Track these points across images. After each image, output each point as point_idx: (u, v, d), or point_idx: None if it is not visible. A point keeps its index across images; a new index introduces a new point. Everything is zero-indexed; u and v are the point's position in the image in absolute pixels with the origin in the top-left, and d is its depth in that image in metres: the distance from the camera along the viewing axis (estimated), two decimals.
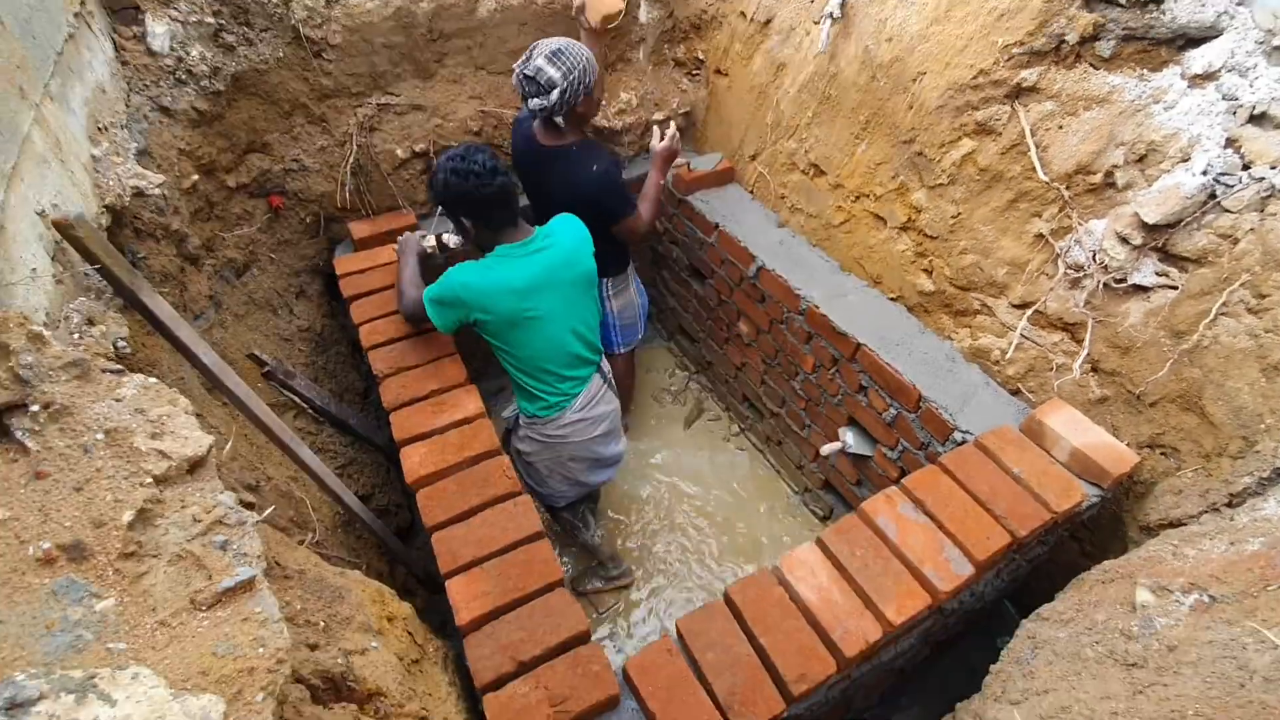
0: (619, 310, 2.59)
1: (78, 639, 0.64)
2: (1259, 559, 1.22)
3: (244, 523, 0.77)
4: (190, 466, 0.79)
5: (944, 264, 2.14)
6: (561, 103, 2.00)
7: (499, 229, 1.84)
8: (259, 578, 0.71)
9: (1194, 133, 1.66)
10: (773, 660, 1.38)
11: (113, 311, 1.21)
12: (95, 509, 0.71)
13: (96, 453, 0.75)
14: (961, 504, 1.64)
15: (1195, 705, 1.01)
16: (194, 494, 0.78)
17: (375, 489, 2.44)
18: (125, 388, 0.83)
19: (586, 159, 2.11)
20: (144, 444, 0.77)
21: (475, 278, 1.81)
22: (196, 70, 2.01)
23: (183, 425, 0.82)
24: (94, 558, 0.68)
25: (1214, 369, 1.61)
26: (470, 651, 1.39)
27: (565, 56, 1.97)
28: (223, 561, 0.73)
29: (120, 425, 0.77)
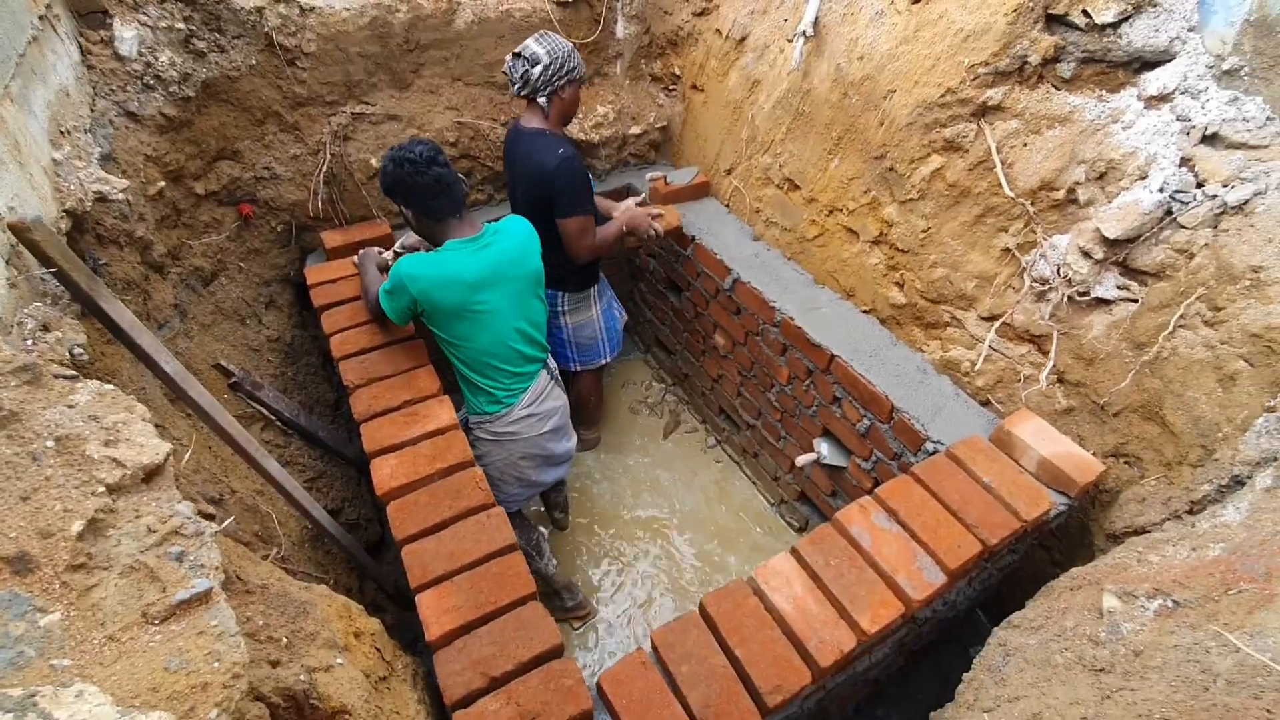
0: (574, 327, 2.56)
1: (19, 655, 0.61)
2: (1219, 564, 1.25)
3: (202, 533, 0.75)
4: (146, 475, 0.76)
5: (915, 277, 2.18)
6: (544, 79, 2.06)
7: (440, 219, 1.86)
8: (216, 590, 0.69)
9: (1151, 151, 1.71)
10: (748, 671, 1.37)
11: (69, 318, 1.17)
12: (43, 519, 0.68)
13: (46, 460, 0.72)
14: (934, 513, 1.66)
15: (1161, 709, 1.02)
16: (149, 503, 0.75)
17: (345, 503, 2.39)
18: (79, 394, 0.80)
19: (556, 144, 2.13)
20: (97, 451, 0.74)
21: (421, 268, 1.83)
22: (165, 76, 1.97)
23: (139, 432, 0.79)
24: (39, 570, 0.65)
25: (1173, 379, 1.66)
26: (440, 668, 1.36)
27: (550, 38, 2.07)
28: (178, 573, 0.70)
29: (72, 432, 0.75)
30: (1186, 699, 1.02)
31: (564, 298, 2.50)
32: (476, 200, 2.78)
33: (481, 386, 2.00)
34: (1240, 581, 1.15)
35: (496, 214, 2.76)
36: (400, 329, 2.08)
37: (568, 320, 2.55)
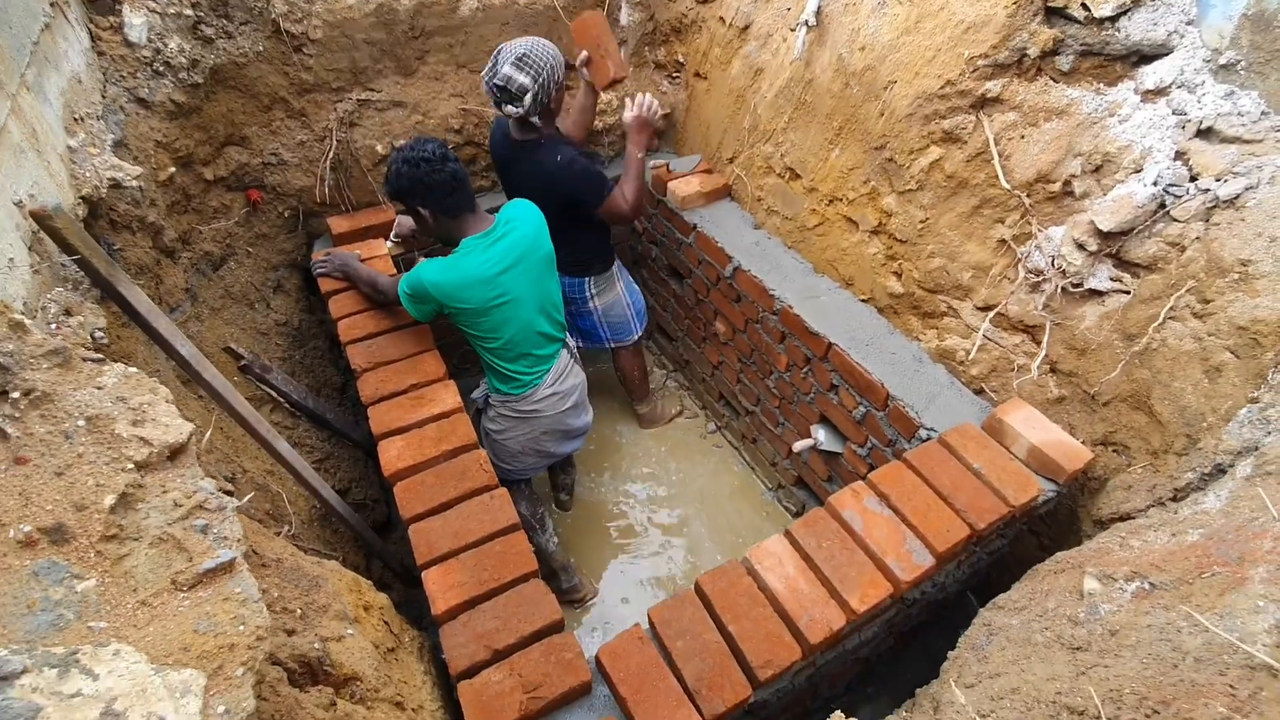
0: (604, 309, 2.62)
1: (59, 618, 0.66)
2: (1196, 549, 1.29)
3: (224, 508, 0.80)
4: (171, 453, 0.81)
5: (912, 267, 2.21)
6: (535, 106, 2.05)
7: (457, 216, 1.88)
8: (239, 560, 0.74)
9: (1146, 145, 1.73)
10: (740, 647, 1.42)
11: (90, 302, 1.22)
12: (77, 493, 0.73)
13: (78, 439, 0.77)
14: (924, 498, 1.70)
15: (1132, 684, 1.07)
16: (175, 480, 0.80)
17: (352, 484, 2.45)
18: (106, 376, 0.85)
19: (551, 151, 2.15)
20: (125, 431, 0.79)
21: (442, 275, 1.85)
22: (174, 62, 2.00)
23: (163, 413, 0.84)
24: (75, 540, 0.70)
25: (1162, 370, 1.69)
26: (445, 640, 1.42)
27: (532, 60, 2.00)
28: (203, 544, 0.75)
29: (102, 412, 0.79)
30: (1156, 675, 1.07)
31: (591, 282, 2.53)
32: (481, 186, 2.81)
33: (509, 373, 2.07)
34: (1214, 565, 1.20)
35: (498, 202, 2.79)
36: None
37: (597, 304, 2.59)
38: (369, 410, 1.89)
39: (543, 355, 2.08)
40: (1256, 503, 1.29)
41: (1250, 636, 1.00)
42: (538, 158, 2.15)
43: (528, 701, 1.32)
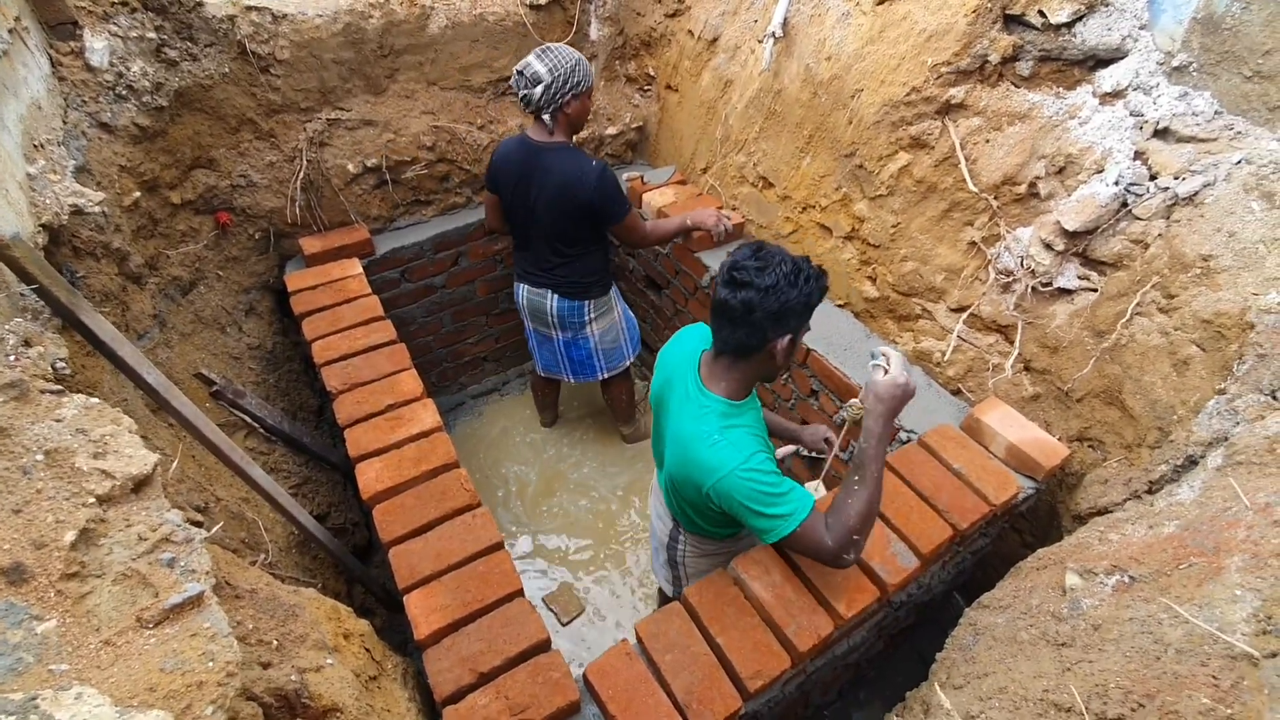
0: (601, 333, 2.56)
1: (18, 662, 0.63)
2: (1173, 540, 1.31)
3: (191, 540, 0.77)
4: (135, 485, 0.79)
5: (887, 271, 2.23)
6: (547, 98, 2.03)
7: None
8: (207, 593, 0.72)
9: (1106, 146, 1.78)
10: (729, 658, 1.41)
11: (50, 332, 1.19)
12: (35, 530, 0.70)
13: (36, 474, 0.74)
14: (907, 501, 1.71)
15: (1116, 679, 1.08)
16: (139, 512, 0.77)
17: (331, 508, 2.40)
18: (65, 408, 0.82)
19: (577, 159, 2.12)
20: (86, 464, 0.77)
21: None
22: (138, 86, 1.97)
23: (126, 444, 0.81)
24: (34, 579, 0.68)
25: (1131, 365, 1.72)
26: (429, 665, 1.39)
27: (553, 54, 2.02)
28: (170, 578, 0.73)
29: (61, 446, 0.77)
30: (1140, 668, 1.07)
31: (591, 305, 2.48)
32: (454, 204, 2.80)
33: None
34: (1191, 556, 1.22)
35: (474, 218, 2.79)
36: None
37: (595, 329, 2.54)
38: (346, 432, 1.86)
39: None
40: (1229, 493, 1.32)
41: (1229, 626, 1.02)
42: (563, 159, 2.11)
43: None
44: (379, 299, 2.35)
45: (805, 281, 1.32)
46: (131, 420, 0.87)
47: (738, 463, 1.33)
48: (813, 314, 1.38)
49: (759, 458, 1.35)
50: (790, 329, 1.35)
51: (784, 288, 1.29)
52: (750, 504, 1.33)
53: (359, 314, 2.22)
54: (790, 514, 1.33)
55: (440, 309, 2.96)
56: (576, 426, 3.25)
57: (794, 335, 1.37)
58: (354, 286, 2.33)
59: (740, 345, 1.37)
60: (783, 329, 1.34)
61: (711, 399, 1.43)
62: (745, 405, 1.46)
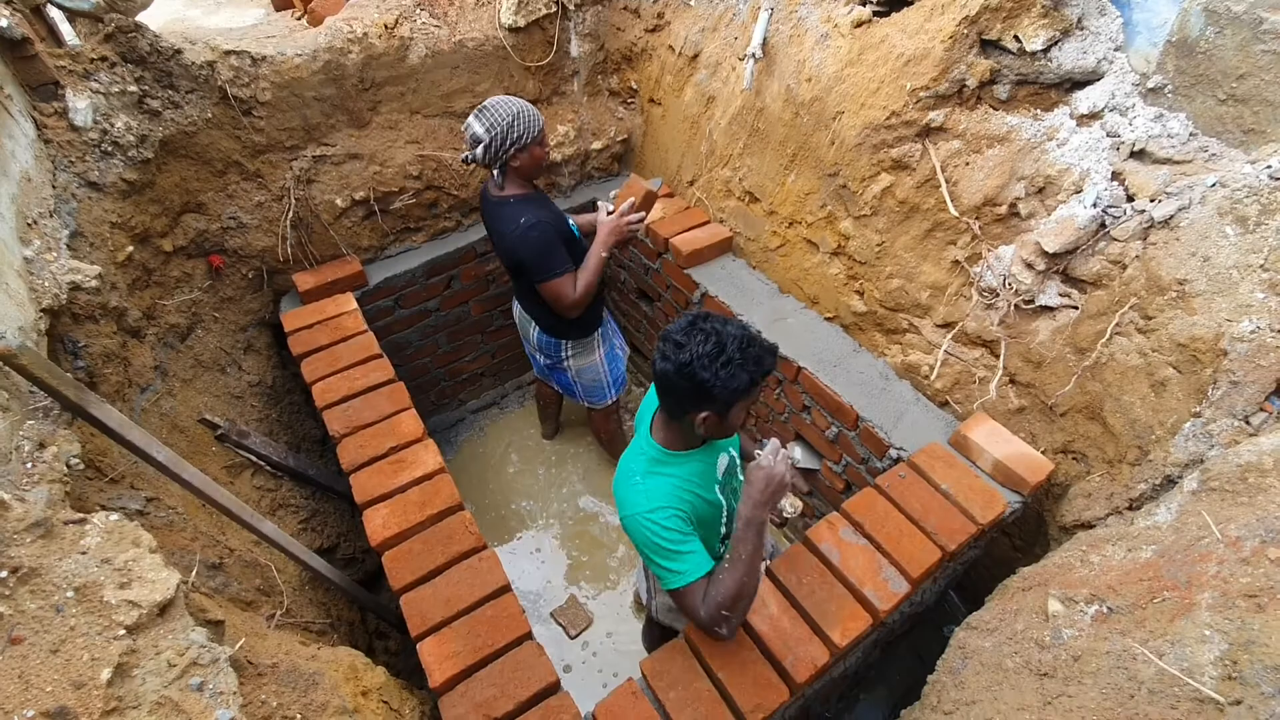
0: (578, 370, 2.56)
1: None
2: (1149, 568, 1.37)
3: (217, 660, 0.82)
4: (160, 609, 0.84)
5: (873, 287, 2.27)
6: (490, 156, 2.02)
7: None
8: (237, 716, 0.77)
9: (1084, 167, 1.80)
10: (730, 694, 1.48)
11: (61, 428, 1.23)
12: (73, 670, 0.76)
13: (68, 611, 0.79)
14: (896, 524, 1.77)
15: (1093, 715, 1.15)
16: (166, 637, 0.83)
17: (340, 538, 2.47)
18: (88, 537, 0.87)
19: (515, 214, 2.08)
20: (113, 596, 0.81)
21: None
22: (123, 140, 1.98)
23: (148, 568, 0.86)
24: (78, 719, 0.73)
25: (1111, 383, 1.77)
26: (445, 712, 1.46)
27: (489, 112, 1.99)
28: (201, 703, 0.78)
29: (89, 580, 0.81)
30: (1114, 706, 1.14)
31: (568, 345, 2.47)
32: (444, 228, 2.81)
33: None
34: (1165, 589, 1.28)
35: (464, 242, 2.81)
36: None
37: (571, 365, 2.53)
38: (350, 478, 1.91)
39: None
40: (1202, 520, 1.37)
41: (1198, 668, 1.08)
42: (503, 216, 2.12)
43: None
44: (375, 330, 2.38)
45: (724, 366, 1.26)
46: (150, 537, 0.91)
47: (642, 509, 1.40)
48: (749, 393, 1.32)
49: (664, 513, 1.39)
50: (712, 408, 1.32)
51: (698, 369, 1.27)
52: (645, 549, 1.42)
53: (356, 353, 2.26)
54: (679, 572, 1.40)
55: (436, 331, 2.99)
56: (579, 440, 3.31)
57: (718, 413, 1.33)
58: (350, 324, 2.36)
59: (666, 408, 1.41)
60: (702, 405, 1.32)
61: (648, 443, 1.49)
62: (683, 456, 1.48)
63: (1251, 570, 1.17)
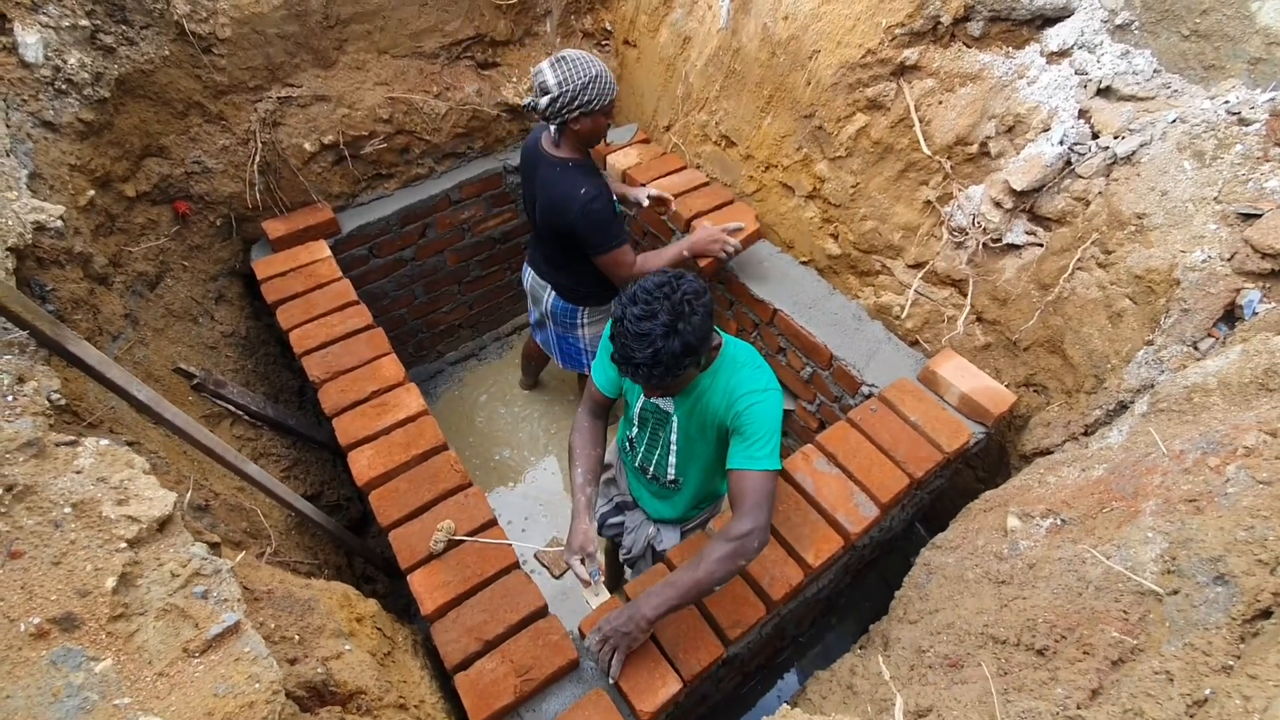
0: (591, 339, 2.51)
1: (85, 701, 0.72)
2: (1100, 484, 1.46)
3: (219, 570, 0.85)
4: (160, 525, 0.86)
5: (848, 230, 2.30)
6: (553, 110, 1.90)
7: None
8: (243, 620, 0.80)
9: (1053, 105, 1.84)
10: (710, 611, 1.56)
11: (39, 364, 1.22)
12: (77, 579, 0.78)
13: (67, 526, 0.81)
14: (868, 454, 1.85)
15: (1044, 613, 1.24)
16: (167, 550, 0.85)
17: (324, 486, 2.48)
18: (82, 458, 0.88)
19: (576, 183, 1.99)
20: (112, 511, 0.83)
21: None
22: (77, 78, 1.90)
23: (144, 487, 0.88)
24: (85, 625, 0.76)
25: (1072, 317, 1.85)
26: (438, 637, 1.51)
27: (566, 64, 1.87)
28: (206, 609, 0.81)
29: (86, 497, 0.83)
30: (1064, 603, 1.24)
31: (585, 312, 2.42)
32: (418, 175, 2.76)
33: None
34: (1113, 500, 1.37)
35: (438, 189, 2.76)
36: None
37: (586, 333, 2.48)
38: (334, 421, 1.92)
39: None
40: (1150, 438, 1.46)
41: (1140, 566, 1.17)
42: (559, 178, 2.01)
43: (521, 684, 1.44)
44: (349, 280, 2.36)
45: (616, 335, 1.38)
46: (143, 460, 0.93)
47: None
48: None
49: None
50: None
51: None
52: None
53: (332, 299, 2.24)
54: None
55: (411, 281, 2.96)
56: (559, 390, 3.34)
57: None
58: (324, 271, 2.33)
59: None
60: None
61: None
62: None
63: (1192, 478, 1.26)
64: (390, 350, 2.10)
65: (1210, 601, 1.01)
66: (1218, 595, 1.01)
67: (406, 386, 2.00)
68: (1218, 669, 0.87)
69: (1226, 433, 1.31)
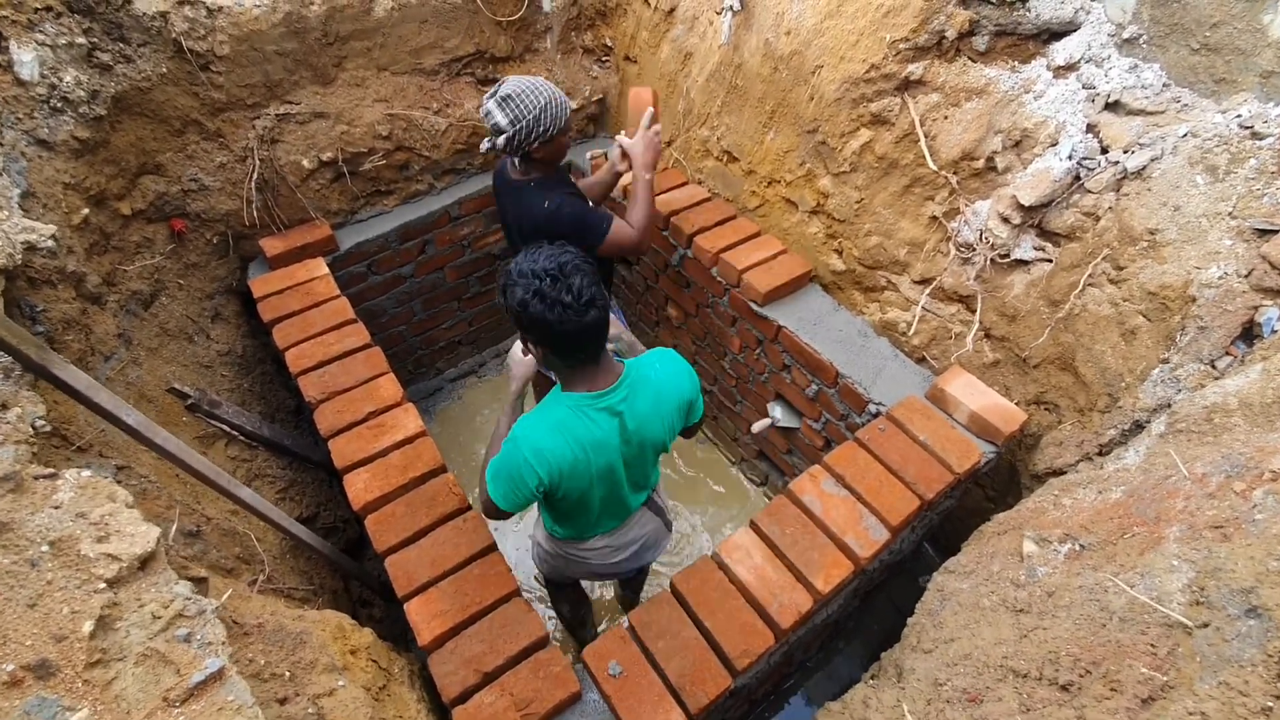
0: None
1: None
2: (1119, 507, 1.42)
3: (203, 611, 0.81)
4: (141, 563, 0.82)
5: (852, 245, 2.27)
6: (512, 147, 1.86)
7: (576, 367, 1.42)
8: (227, 666, 0.76)
9: (1060, 120, 1.81)
10: (717, 640, 1.51)
11: (25, 389, 1.18)
12: (53, 623, 0.73)
13: (44, 565, 0.77)
14: (877, 475, 1.80)
15: (1067, 646, 1.19)
16: (149, 590, 0.81)
17: (320, 508, 2.44)
18: (61, 491, 0.84)
19: (539, 196, 1.95)
20: (91, 550, 0.79)
21: (548, 440, 1.39)
22: (73, 96, 1.88)
23: (126, 522, 0.84)
24: (60, 672, 0.71)
25: (1083, 333, 1.81)
26: (435, 669, 1.46)
27: (514, 102, 1.82)
28: (189, 654, 0.77)
29: (65, 534, 0.79)
30: (1088, 635, 1.19)
31: None
32: (417, 191, 2.74)
33: (567, 523, 1.73)
34: (1134, 525, 1.32)
35: (437, 205, 2.74)
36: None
37: None
38: (329, 443, 1.88)
39: (614, 518, 1.75)
40: (1170, 460, 1.42)
41: (1167, 596, 1.12)
42: (526, 201, 1.97)
43: (522, 719, 1.39)
44: (347, 297, 2.33)
45: (502, 291, 1.36)
46: (126, 493, 0.89)
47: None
48: (546, 336, 1.33)
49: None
50: (531, 339, 1.40)
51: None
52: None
53: (330, 318, 2.21)
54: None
55: (411, 298, 2.93)
56: None
57: (541, 347, 1.39)
58: (321, 289, 2.30)
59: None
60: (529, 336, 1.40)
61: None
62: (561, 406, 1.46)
63: (1217, 503, 1.21)
64: (388, 370, 2.07)
65: (1243, 636, 0.97)
66: (1251, 629, 0.97)
67: (404, 407, 1.96)
68: (1257, 711, 0.83)
69: (1251, 455, 1.26)
